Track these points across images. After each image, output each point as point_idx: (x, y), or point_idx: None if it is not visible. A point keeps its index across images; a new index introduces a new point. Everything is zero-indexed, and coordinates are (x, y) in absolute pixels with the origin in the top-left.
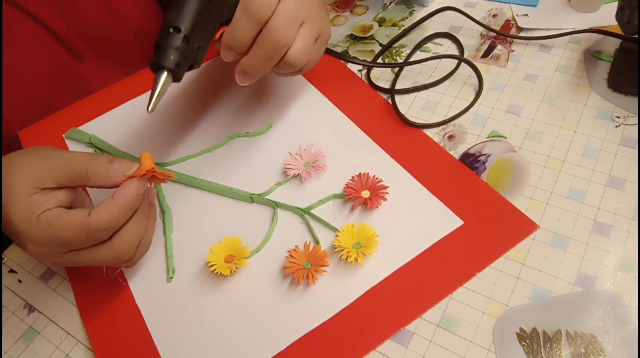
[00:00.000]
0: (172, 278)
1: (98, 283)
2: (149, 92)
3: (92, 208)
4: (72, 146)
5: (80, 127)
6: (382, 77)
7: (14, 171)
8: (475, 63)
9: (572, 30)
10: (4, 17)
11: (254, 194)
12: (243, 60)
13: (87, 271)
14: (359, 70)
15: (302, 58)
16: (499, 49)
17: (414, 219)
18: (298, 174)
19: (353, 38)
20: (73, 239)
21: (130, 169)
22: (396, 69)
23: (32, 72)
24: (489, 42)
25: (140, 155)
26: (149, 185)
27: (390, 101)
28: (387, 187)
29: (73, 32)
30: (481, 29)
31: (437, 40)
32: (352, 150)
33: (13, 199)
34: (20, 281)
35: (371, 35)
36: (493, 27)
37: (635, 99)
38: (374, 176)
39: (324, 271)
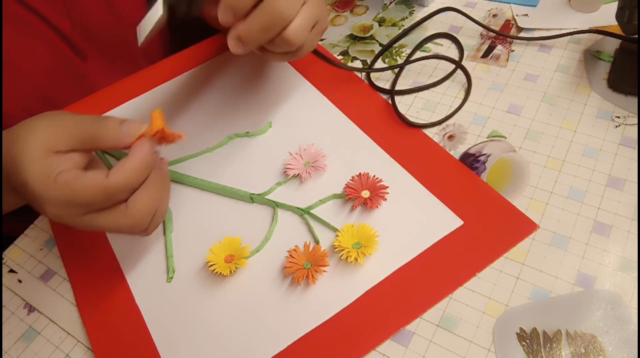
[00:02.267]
0: (172, 278)
1: (98, 284)
2: (150, 91)
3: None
4: None
5: None
6: (382, 77)
7: (27, 136)
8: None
9: (572, 30)
10: (12, 14)
11: (254, 194)
12: (240, 26)
13: (87, 271)
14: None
15: (300, 37)
16: (499, 49)
17: (414, 219)
18: (298, 174)
19: (353, 38)
20: (92, 200)
21: (140, 129)
22: (397, 69)
23: (37, 69)
24: (489, 42)
25: (150, 114)
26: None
27: (390, 101)
28: (387, 187)
29: (78, 32)
30: (481, 29)
31: (437, 40)
32: (352, 150)
33: (28, 163)
34: (20, 281)
35: (371, 35)
36: (493, 27)
37: (635, 99)
38: (374, 176)
39: (324, 271)
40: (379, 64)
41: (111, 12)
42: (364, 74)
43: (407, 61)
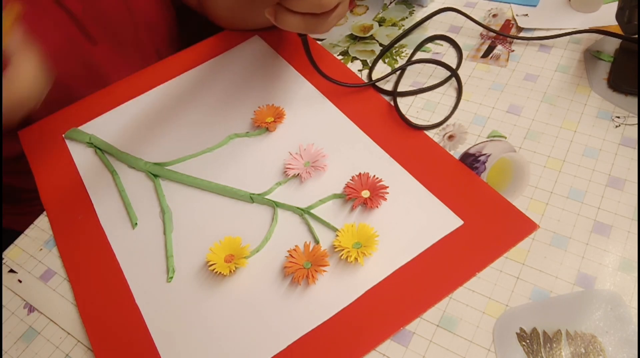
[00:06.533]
0: (172, 278)
1: (98, 284)
2: (150, 91)
3: None
4: (72, 146)
5: (80, 127)
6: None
7: None
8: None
9: (572, 30)
10: None
11: (254, 194)
12: None
13: (87, 271)
14: (359, 70)
15: (331, 0)
16: (499, 49)
17: (414, 219)
18: (298, 174)
19: (353, 38)
20: None
21: None
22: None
23: (47, 48)
24: (489, 42)
25: None
26: None
27: (391, 102)
28: (387, 187)
29: (89, 16)
30: (481, 29)
31: (437, 40)
32: (352, 150)
33: None
34: (20, 281)
35: (371, 35)
36: (493, 27)
37: (635, 99)
38: (374, 175)
39: (324, 271)
40: (379, 64)
41: (121, 0)
42: (365, 75)
43: (408, 63)
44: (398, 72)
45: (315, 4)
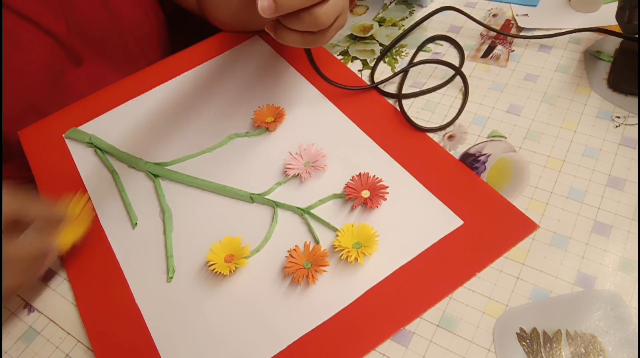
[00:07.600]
0: (172, 278)
1: (98, 284)
2: (150, 91)
3: None
4: (72, 146)
5: (80, 127)
6: (382, 77)
7: None
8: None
9: (572, 29)
10: (4, 27)
11: (254, 194)
12: None
13: (87, 271)
14: (359, 70)
15: (328, 18)
16: (499, 49)
17: (414, 219)
18: (298, 174)
19: (353, 38)
20: None
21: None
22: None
23: (31, 79)
24: (489, 42)
25: None
26: None
27: (391, 102)
28: (387, 187)
29: (73, 34)
30: (481, 28)
31: (438, 40)
32: (352, 150)
33: None
34: None
35: (371, 35)
36: (493, 27)
37: (635, 99)
38: (374, 175)
39: (324, 271)
40: (380, 64)
41: (106, 12)
42: (365, 75)
43: (412, 64)
44: (401, 74)
45: (312, 23)
